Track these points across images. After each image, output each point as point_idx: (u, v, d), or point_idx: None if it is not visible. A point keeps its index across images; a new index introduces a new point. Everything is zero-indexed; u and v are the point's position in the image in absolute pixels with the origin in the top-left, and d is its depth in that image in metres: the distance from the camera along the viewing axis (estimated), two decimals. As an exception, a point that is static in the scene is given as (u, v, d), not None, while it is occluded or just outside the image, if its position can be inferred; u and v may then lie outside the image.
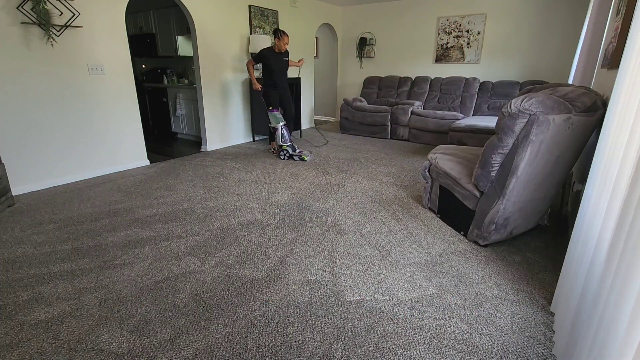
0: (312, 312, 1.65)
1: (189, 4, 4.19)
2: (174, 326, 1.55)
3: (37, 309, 1.66)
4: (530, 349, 1.45)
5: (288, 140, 4.41)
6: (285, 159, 4.39)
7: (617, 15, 2.11)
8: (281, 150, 4.40)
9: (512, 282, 1.91)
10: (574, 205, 2.44)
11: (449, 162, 2.55)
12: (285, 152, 4.38)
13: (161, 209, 2.83)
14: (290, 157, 4.40)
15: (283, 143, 4.38)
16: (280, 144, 4.39)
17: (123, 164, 3.90)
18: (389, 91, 6.32)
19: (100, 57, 3.50)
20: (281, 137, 4.37)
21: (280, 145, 4.40)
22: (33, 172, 3.19)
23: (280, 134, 4.37)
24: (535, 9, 5.09)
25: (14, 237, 2.35)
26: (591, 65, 2.97)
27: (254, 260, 2.09)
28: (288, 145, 4.38)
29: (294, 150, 4.40)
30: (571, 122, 1.86)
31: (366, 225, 2.58)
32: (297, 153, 4.38)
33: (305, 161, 4.33)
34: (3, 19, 2.82)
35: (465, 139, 4.60)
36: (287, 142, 4.40)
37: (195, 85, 4.75)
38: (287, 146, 4.37)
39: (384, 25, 6.56)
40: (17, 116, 3.01)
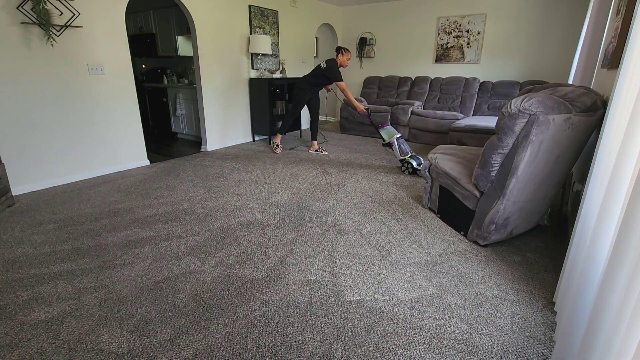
0: (312, 312, 1.65)
1: (189, 4, 4.19)
2: (174, 326, 1.55)
3: (37, 309, 1.66)
4: (530, 349, 1.45)
5: (409, 151, 3.93)
6: (408, 173, 3.87)
7: (617, 15, 2.11)
8: (403, 164, 3.89)
9: (512, 282, 1.91)
10: (574, 205, 2.44)
11: (449, 162, 2.55)
12: (408, 164, 3.84)
13: (161, 209, 2.83)
14: (414, 172, 3.85)
15: (404, 156, 3.89)
16: (401, 158, 3.90)
17: (123, 164, 3.90)
18: (389, 91, 6.32)
19: (100, 57, 3.50)
20: (400, 152, 3.91)
21: (401, 159, 3.90)
22: (33, 172, 3.19)
23: (398, 147, 3.91)
24: (535, 9, 5.09)
25: (14, 237, 2.35)
26: (591, 65, 2.97)
27: (254, 260, 2.09)
28: (411, 157, 3.87)
29: (418, 163, 3.84)
30: (571, 122, 1.86)
31: (366, 225, 2.58)
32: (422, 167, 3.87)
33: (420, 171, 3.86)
34: (3, 19, 2.82)
35: (465, 139, 4.60)
36: (409, 153, 3.92)
37: (195, 85, 4.75)
38: (409, 158, 3.86)
39: (384, 25, 6.56)
40: (17, 116, 3.01)
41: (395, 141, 3.93)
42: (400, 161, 3.96)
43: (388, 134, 4.03)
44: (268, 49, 5.05)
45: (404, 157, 3.90)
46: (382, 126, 4.13)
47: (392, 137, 3.97)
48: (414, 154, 3.99)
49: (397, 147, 3.92)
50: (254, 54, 5.21)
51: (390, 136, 3.99)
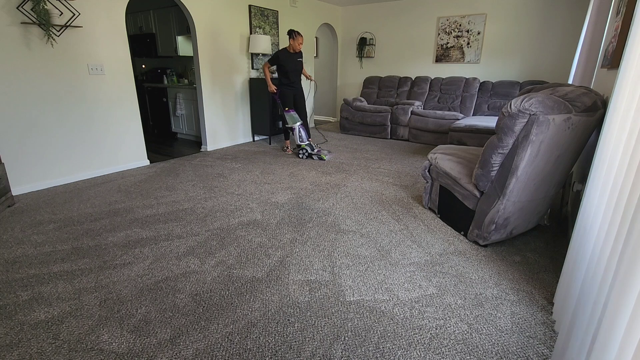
0: (312, 312, 1.65)
1: (189, 4, 4.19)
2: (174, 326, 1.55)
3: (37, 309, 1.66)
4: (530, 349, 1.45)
5: (306, 139, 4.46)
6: (304, 158, 4.43)
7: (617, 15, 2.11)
8: (300, 150, 4.45)
9: (512, 282, 1.91)
10: (574, 205, 2.44)
11: (449, 162, 2.55)
12: (304, 151, 4.43)
13: (161, 209, 2.83)
14: (309, 156, 4.45)
15: (301, 142, 4.43)
16: (298, 144, 4.45)
17: (123, 164, 3.90)
18: (389, 91, 6.32)
19: (100, 57, 3.50)
20: (299, 137, 4.42)
21: (298, 145, 4.46)
22: (33, 172, 3.19)
23: (298, 134, 4.42)
24: (535, 9, 5.09)
25: (14, 237, 2.35)
26: (591, 65, 2.97)
27: (254, 260, 2.09)
28: (307, 144, 4.43)
29: (312, 149, 4.43)
30: (571, 122, 1.86)
31: (366, 225, 2.58)
32: (316, 152, 4.42)
33: (324, 160, 4.37)
34: (3, 19, 2.82)
35: (465, 139, 4.60)
36: (305, 141, 4.45)
37: (195, 85, 4.75)
38: (305, 145, 4.42)
39: (384, 25, 6.56)
40: (17, 116, 3.01)
41: (297, 127, 4.43)
42: (297, 146, 4.57)
43: (292, 119, 4.47)
44: (268, 49, 5.05)
45: (301, 143, 4.45)
46: (287, 110, 4.50)
47: (295, 123, 4.45)
48: (310, 141, 4.51)
49: (297, 132, 4.44)
50: (254, 54, 5.21)
51: (293, 122, 4.46)
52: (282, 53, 4.37)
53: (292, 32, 4.30)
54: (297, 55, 4.46)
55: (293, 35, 4.29)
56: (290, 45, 4.35)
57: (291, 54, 4.40)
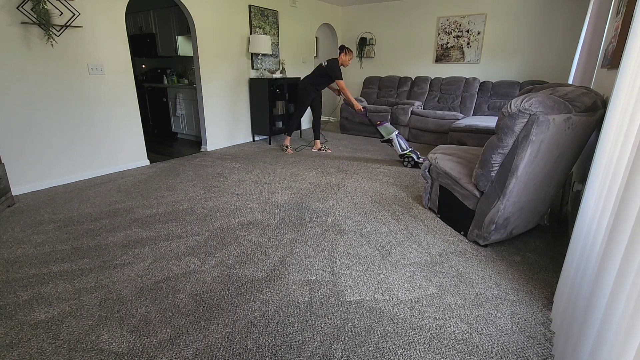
0: (312, 312, 1.65)
1: (189, 4, 4.19)
2: (174, 326, 1.55)
3: (37, 309, 1.66)
4: (530, 349, 1.45)
5: (407, 147, 4.18)
6: (409, 167, 4.10)
7: (617, 15, 2.11)
8: (405, 158, 4.13)
9: (512, 282, 1.91)
10: (574, 205, 2.44)
11: (449, 162, 2.55)
12: (409, 159, 4.09)
13: (161, 209, 2.83)
14: (415, 165, 4.10)
15: (404, 151, 4.14)
16: (401, 153, 4.16)
17: (123, 164, 3.90)
18: (389, 91, 6.32)
19: (100, 57, 3.50)
20: (399, 147, 4.17)
21: (402, 154, 4.16)
22: (33, 172, 3.19)
23: (398, 144, 4.16)
24: (535, 9, 5.09)
25: (14, 237, 2.35)
26: (591, 65, 2.97)
27: (254, 260, 2.09)
28: (411, 152, 4.11)
29: (417, 157, 4.08)
30: (571, 122, 1.86)
31: (366, 225, 2.58)
32: (423, 161, 4.10)
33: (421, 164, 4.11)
34: (3, 19, 2.82)
35: (465, 139, 4.60)
36: (408, 148, 4.16)
37: (195, 85, 4.75)
38: (410, 152, 4.10)
39: (384, 25, 6.56)
40: (17, 116, 3.01)
41: (395, 137, 4.18)
42: (400, 156, 4.20)
43: (386, 131, 4.25)
44: (268, 49, 5.05)
45: (404, 152, 4.14)
46: (380, 124, 4.32)
47: (391, 133, 4.21)
48: (412, 148, 4.21)
49: (397, 143, 4.17)
50: (254, 54, 5.21)
51: (388, 133, 4.23)
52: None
53: (345, 48, 4.39)
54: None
55: (346, 51, 4.38)
56: (342, 59, 4.43)
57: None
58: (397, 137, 4.19)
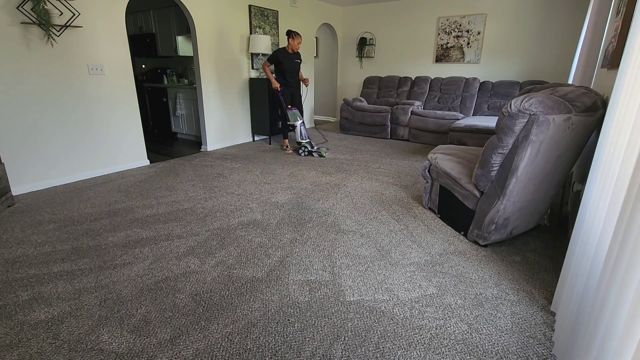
0: (312, 312, 1.65)
1: (189, 4, 4.19)
2: (174, 326, 1.55)
3: (37, 309, 1.66)
4: (530, 349, 1.45)
5: (306, 136, 4.57)
6: (304, 155, 4.54)
7: (617, 15, 2.11)
8: (300, 147, 4.55)
9: (512, 282, 1.91)
10: (574, 205, 2.44)
11: (449, 162, 2.55)
12: (304, 148, 4.53)
13: (161, 209, 2.83)
14: (309, 154, 4.55)
15: (302, 140, 4.53)
16: (299, 141, 4.55)
17: (123, 164, 3.90)
18: (389, 91, 6.32)
19: (100, 57, 3.50)
20: (300, 135, 4.53)
21: (299, 142, 4.56)
22: (33, 172, 3.19)
23: (300, 132, 4.52)
24: (535, 9, 5.09)
25: (14, 237, 2.35)
26: (591, 65, 2.97)
27: (254, 260, 2.09)
28: (307, 142, 4.52)
29: (312, 146, 4.54)
30: (571, 122, 1.86)
31: (366, 225, 2.58)
32: (316, 149, 4.53)
33: (324, 157, 4.48)
34: (3, 19, 2.82)
35: (465, 139, 4.60)
36: (306, 139, 4.55)
37: (195, 85, 4.75)
38: (306, 143, 4.51)
39: (384, 25, 6.56)
40: (17, 116, 3.01)
41: (298, 125, 4.53)
42: (297, 143, 4.62)
43: (293, 116, 4.55)
44: (268, 49, 5.05)
45: (302, 141, 4.55)
46: (290, 108, 4.57)
47: (296, 121, 4.53)
48: (309, 140, 4.61)
49: (299, 130, 4.54)
50: (254, 54, 5.21)
51: (294, 119, 4.55)
52: (281, 52, 4.42)
53: (290, 32, 4.34)
54: (295, 55, 4.51)
55: (292, 35, 4.33)
56: (289, 45, 4.39)
57: (290, 54, 4.45)
58: (301, 125, 4.54)
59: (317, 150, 4.53)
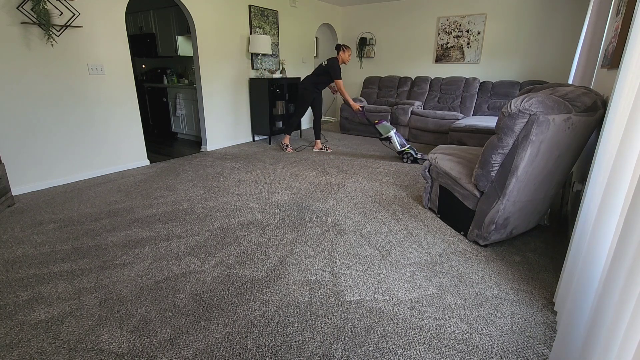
0: (312, 312, 1.65)
1: (189, 4, 4.19)
2: (174, 326, 1.55)
3: (37, 309, 1.66)
4: (530, 349, 1.45)
5: (406, 143, 4.35)
6: (409, 163, 4.27)
7: (617, 15, 2.11)
8: (403, 156, 4.31)
9: (512, 282, 1.91)
10: (574, 205, 2.44)
11: (449, 162, 2.55)
12: (408, 155, 4.27)
13: (161, 209, 2.83)
14: (414, 161, 4.28)
15: (403, 148, 4.30)
16: (400, 150, 4.32)
17: (123, 164, 3.90)
18: (389, 91, 6.32)
19: (100, 57, 3.50)
20: (399, 144, 4.32)
21: (400, 151, 4.33)
22: (33, 172, 3.19)
23: (396, 141, 4.32)
24: (535, 9, 5.09)
25: (14, 237, 2.35)
26: (591, 65, 2.97)
27: (254, 260, 2.09)
28: (409, 148, 4.28)
29: (416, 153, 4.28)
30: (571, 122, 1.86)
31: (366, 225, 2.58)
32: (421, 156, 4.28)
33: None
34: (3, 19, 2.82)
35: (465, 139, 4.60)
36: (406, 145, 4.33)
37: (195, 85, 4.75)
38: (408, 149, 4.28)
39: (384, 25, 6.56)
40: (17, 116, 3.01)
41: (393, 135, 4.35)
42: (399, 153, 4.37)
43: (384, 129, 4.41)
44: (268, 49, 5.05)
45: (403, 148, 4.31)
46: (378, 122, 4.48)
47: (389, 132, 4.37)
48: (410, 145, 4.40)
49: (395, 140, 4.34)
50: (254, 54, 5.21)
51: (386, 131, 4.39)
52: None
53: (341, 46, 4.45)
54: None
55: (343, 49, 4.43)
56: (342, 57, 4.47)
57: None
58: (395, 134, 4.34)
59: (422, 157, 4.28)
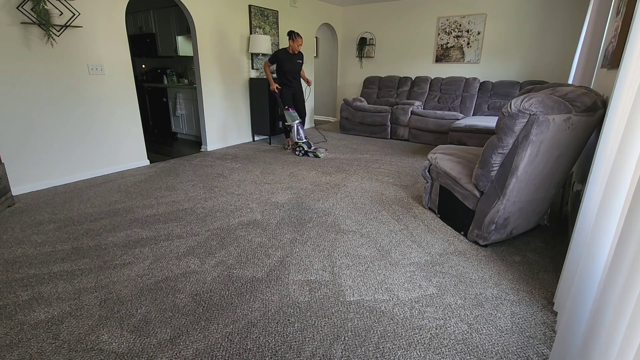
0: (312, 312, 1.65)
1: (189, 4, 4.19)
2: (174, 326, 1.55)
3: (37, 309, 1.66)
4: (530, 349, 1.45)
5: (303, 137, 4.57)
6: (300, 155, 4.56)
7: (617, 15, 2.11)
8: (297, 147, 4.56)
9: (512, 282, 1.91)
10: (574, 205, 2.44)
11: (449, 162, 2.55)
12: (301, 148, 4.54)
13: (161, 209, 2.83)
14: (305, 154, 4.57)
15: (299, 140, 4.54)
16: (296, 141, 4.55)
17: (123, 164, 3.90)
18: (389, 91, 6.31)
19: (100, 57, 3.50)
20: (297, 135, 4.54)
21: (296, 142, 4.56)
22: (33, 172, 3.19)
23: (296, 132, 4.54)
24: (535, 9, 5.09)
25: (14, 237, 2.35)
26: (591, 65, 2.97)
27: (254, 260, 2.09)
28: (304, 142, 4.53)
29: (309, 147, 4.54)
30: (571, 122, 1.86)
31: (366, 225, 2.58)
32: (312, 150, 4.53)
33: (319, 157, 4.48)
34: (3, 19, 2.82)
35: (465, 139, 4.60)
36: (303, 139, 4.56)
37: (195, 85, 4.75)
38: (302, 143, 4.52)
39: (384, 25, 6.56)
40: (17, 116, 3.01)
41: (295, 125, 4.55)
42: (295, 143, 4.62)
43: (291, 117, 4.58)
44: (268, 49, 5.05)
45: (299, 141, 4.55)
46: (287, 109, 4.58)
47: (293, 121, 4.56)
48: (307, 140, 4.60)
49: (295, 130, 4.56)
50: (254, 54, 5.21)
51: (292, 120, 4.57)
52: (282, 53, 4.44)
53: (292, 33, 4.36)
54: (296, 56, 4.54)
55: (293, 37, 4.36)
56: (290, 46, 4.42)
57: (290, 54, 4.48)
58: (298, 125, 4.55)
59: (313, 150, 4.55)
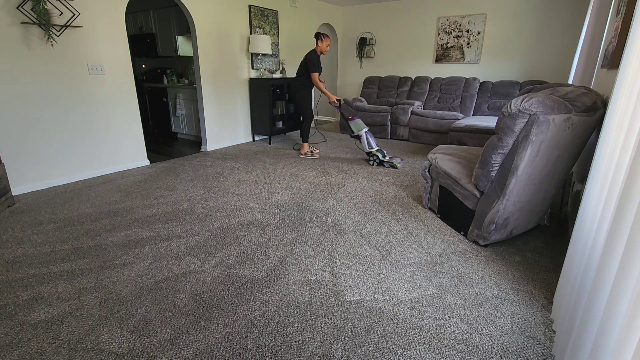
0: (312, 312, 1.65)
1: (189, 4, 4.19)
2: (174, 326, 1.55)
3: (37, 309, 1.66)
4: (530, 349, 1.45)
5: (374, 145, 4.19)
6: (375, 165, 4.15)
7: (617, 15, 2.11)
8: (370, 157, 4.18)
9: (512, 282, 1.91)
10: (574, 205, 2.44)
11: (449, 162, 2.55)
12: (375, 157, 4.13)
13: (161, 209, 2.83)
14: (380, 163, 4.14)
15: (371, 149, 4.15)
16: (368, 151, 4.18)
17: (123, 164, 3.90)
18: (389, 91, 6.32)
19: (100, 57, 3.50)
20: (367, 144, 4.18)
21: (368, 152, 4.18)
22: (33, 172, 3.19)
23: (366, 141, 4.18)
24: (535, 9, 5.09)
25: (14, 237, 2.35)
26: (591, 65, 2.97)
27: (254, 260, 2.09)
28: (377, 151, 4.13)
29: (383, 155, 4.13)
30: (571, 122, 1.86)
31: (366, 225, 2.58)
32: (388, 160, 4.10)
33: (397, 168, 4.05)
34: (3, 19, 2.82)
35: (465, 139, 4.60)
36: (375, 147, 4.18)
37: (195, 85, 4.75)
38: (376, 151, 4.12)
39: (384, 25, 6.56)
40: (17, 116, 3.01)
41: (364, 134, 4.20)
42: (367, 154, 4.22)
43: (357, 126, 4.25)
44: (268, 49, 5.05)
45: (371, 150, 4.16)
46: (352, 119, 4.30)
47: (361, 130, 4.22)
48: (379, 147, 4.22)
49: (365, 140, 4.19)
50: (254, 54, 5.21)
51: (358, 129, 4.24)
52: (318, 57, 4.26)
53: (319, 35, 4.22)
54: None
55: (321, 37, 4.22)
56: (318, 47, 4.26)
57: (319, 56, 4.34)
58: (367, 134, 4.20)
59: (389, 160, 4.08)
